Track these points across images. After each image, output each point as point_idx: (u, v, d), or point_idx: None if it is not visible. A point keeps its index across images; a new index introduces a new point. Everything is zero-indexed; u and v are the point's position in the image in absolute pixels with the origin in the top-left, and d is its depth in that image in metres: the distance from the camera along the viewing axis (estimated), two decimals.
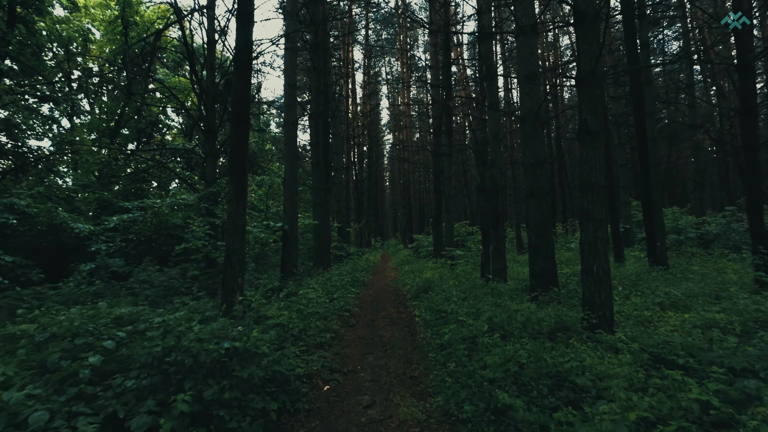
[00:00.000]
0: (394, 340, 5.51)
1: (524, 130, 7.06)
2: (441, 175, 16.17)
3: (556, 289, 6.27)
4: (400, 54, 34.81)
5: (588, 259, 5.01)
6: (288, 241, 8.46)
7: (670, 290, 6.23)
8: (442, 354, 4.57)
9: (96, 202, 12.52)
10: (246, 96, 5.49)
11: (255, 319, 4.65)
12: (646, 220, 10.09)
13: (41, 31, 18.35)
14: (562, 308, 5.30)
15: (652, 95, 10.84)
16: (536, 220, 6.78)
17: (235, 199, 5.37)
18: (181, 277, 8.32)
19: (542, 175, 6.88)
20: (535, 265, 6.71)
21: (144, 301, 5.50)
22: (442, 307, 6.58)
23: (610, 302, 4.94)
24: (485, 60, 9.36)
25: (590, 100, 5.07)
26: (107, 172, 15.31)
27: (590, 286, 4.97)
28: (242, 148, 5.46)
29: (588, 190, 5.03)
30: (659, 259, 9.76)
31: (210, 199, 11.70)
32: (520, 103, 7.24)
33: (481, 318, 5.12)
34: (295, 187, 8.73)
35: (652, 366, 3.69)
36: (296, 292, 6.89)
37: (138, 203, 9.47)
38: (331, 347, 5.10)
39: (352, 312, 7.39)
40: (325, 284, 8.83)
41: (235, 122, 5.45)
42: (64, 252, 10.30)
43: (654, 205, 10.18)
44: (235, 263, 5.29)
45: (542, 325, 4.67)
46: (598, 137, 5.06)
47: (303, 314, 5.57)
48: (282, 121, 34.70)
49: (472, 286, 8.31)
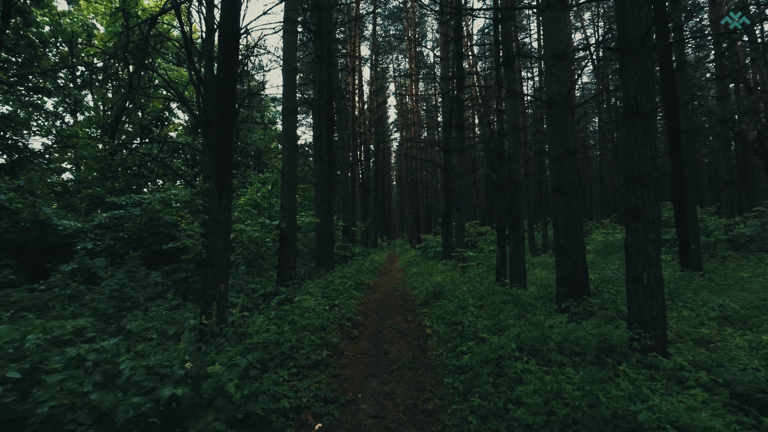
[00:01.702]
0: (402, 358, 4.72)
1: (551, 117, 6.22)
2: (451, 172, 15.33)
3: (590, 299, 5.43)
4: (408, 49, 33.99)
5: (636, 265, 4.18)
6: (286, 240, 7.72)
7: (724, 302, 5.35)
8: (460, 380, 3.77)
9: (88, 199, 11.90)
10: (232, 73, 4.73)
11: (240, 334, 3.89)
12: (678, 221, 9.17)
13: (44, 26, 17.92)
14: (600, 322, 4.46)
15: (685, 83, 9.89)
16: (564, 219, 5.94)
17: (218, 193, 4.62)
18: (169, 280, 7.62)
19: (571, 167, 6.03)
20: (563, 271, 5.87)
21: (112, 309, 4.78)
22: (456, 317, 5.78)
23: (663, 318, 4.10)
24: (504, 43, 8.52)
25: (640, 75, 4.23)
26: (104, 168, 14.73)
27: (639, 298, 4.14)
28: (227, 134, 4.71)
29: (636, 183, 4.20)
30: (693, 264, 8.84)
31: (206, 195, 11.01)
32: (546, 87, 6.41)
33: (506, 334, 4.31)
34: (294, 181, 7.99)
35: (738, 408, 2.85)
36: (292, 299, 6.13)
37: (125, 198, 8.80)
38: (328, 367, 4.32)
39: (355, 321, 6.61)
40: (326, 288, 8.07)
41: (220, 103, 4.69)
42: (51, 251, 9.68)
43: (687, 204, 9.26)
44: (217, 266, 4.53)
45: (583, 346, 3.84)
46: (650, 119, 4.21)
47: (296, 327, 4.80)
48: None
49: (488, 292, 7.48)
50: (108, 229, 10.05)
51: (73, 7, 21.69)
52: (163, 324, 4.39)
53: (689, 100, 10.17)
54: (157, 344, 3.37)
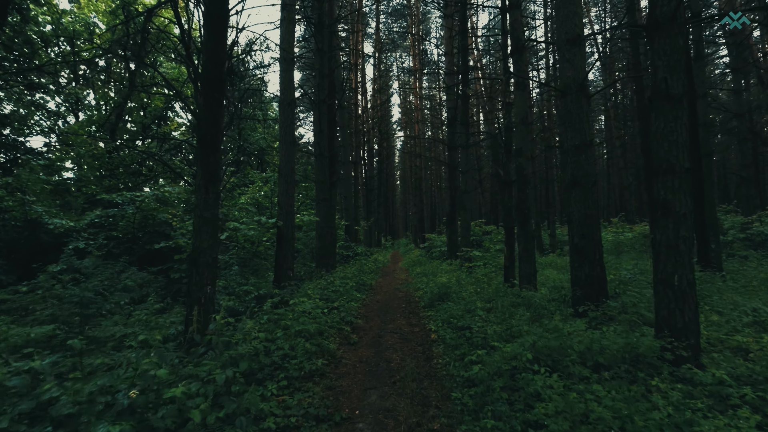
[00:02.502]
0: (405, 367, 4.32)
1: (565, 106, 5.79)
2: (456, 169, 14.90)
3: (609, 302, 5.00)
4: (412, 46, 33.56)
5: (665, 266, 3.75)
6: (283, 239, 7.34)
7: (757, 305, 4.89)
8: (470, 395, 3.36)
9: (84, 197, 11.61)
10: (220, 56, 4.35)
11: (224, 343, 3.50)
12: (697, 219, 8.70)
13: (45, 25, 17.72)
14: (625, 330, 4.04)
15: (702, 73, 9.40)
16: (580, 216, 5.51)
17: (203, 187, 4.25)
18: (161, 280, 7.27)
19: (587, 160, 5.60)
20: (579, 272, 5.43)
21: (91, 309, 4.41)
22: (463, 321, 5.36)
23: (696, 325, 3.67)
24: (512, 32, 8.09)
25: (670, 53, 3.80)
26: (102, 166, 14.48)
27: (669, 302, 3.72)
28: (215, 123, 4.33)
29: (666, 174, 3.76)
30: (714, 264, 8.38)
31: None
32: (560, 74, 5.99)
33: (520, 342, 3.89)
34: (292, 177, 7.61)
35: None
36: (288, 301, 5.75)
37: (117, 196, 8.47)
38: (323, 378, 3.92)
39: (355, 325, 6.22)
40: (326, 289, 7.68)
41: (206, 90, 4.32)
42: (43, 251, 9.39)
43: (707, 201, 8.79)
44: (202, 266, 4.16)
45: (608, 357, 3.42)
46: (681, 103, 3.78)
47: (290, 333, 4.41)
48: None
49: (496, 293, 7.06)
50: (102, 228, 9.75)
51: (74, 5, 21.50)
52: (143, 330, 4.03)
53: (706, 92, 9.67)
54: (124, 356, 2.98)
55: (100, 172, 14.50)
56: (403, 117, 41.76)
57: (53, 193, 14.91)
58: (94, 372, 2.57)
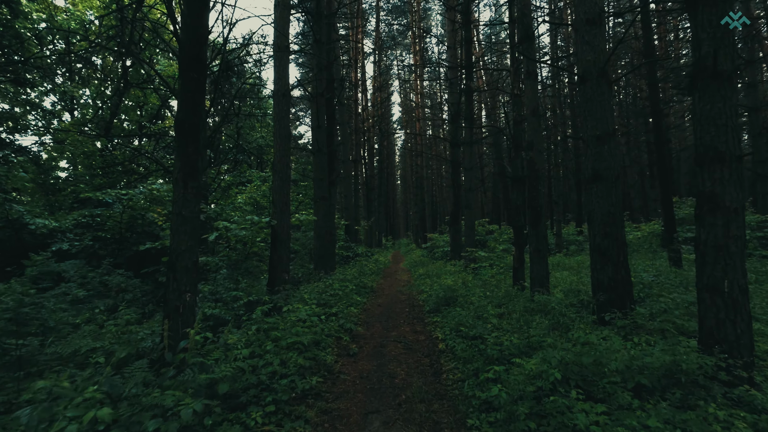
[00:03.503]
0: (411, 384, 3.81)
1: (584, 93, 5.28)
2: (459, 166, 14.38)
3: (638, 309, 4.49)
4: (413, 44, 33.05)
5: (713, 269, 3.25)
6: (277, 240, 6.85)
7: None
8: (488, 421, 2.86)
9: (72, 196, 11.12)
10: (199, 31, 3.85)
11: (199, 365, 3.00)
12: None
13: (39, 22, 17.28)
14: (665, 343, 3.52)
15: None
16: (603, 213, 5.00)
17: (181, 181, 3.74)
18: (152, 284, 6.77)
19: (611, 151, 5.09)
20: (601, 274, 4.92)
21: (30, 327, 3.86)
22: (475, 330, 4.86)
23: (750, 338, 3.18)
24: (521, 17, 7.58)
25: (717, 25, 3.29)
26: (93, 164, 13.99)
27: (717, 312, 3.22)
28: (194, 109, 3.83)
29: (713, 163, 3.26)
30: None
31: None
32: (578, 58, 5.49)
33: (541, 356, 3.39)
34: (287, 173, 7.10)
35: None
36: (281, 308, 5.25)
37: (102, 194, 7.99)
38: (318, 400, 3.42)
39: (355, 333, 5.71)
40: (324, 293, 7.18)
41: (184, 70, 3.81)
42: (26, 252, 8.89)
43: None
44: (181, 271, 3.66)
45: (651, 376, 2.92)
46: (731, 81, 3.28)
47: (280, 345, 3.91)
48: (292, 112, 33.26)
49: (507, 297, 6.57)
50: (90, 228, 9.25)
51: (69, 2, 21.03)
52: (113, 344, 3.54)
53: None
54: (77, 379, 2.47)
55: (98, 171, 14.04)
56: (403, 116, 41.26)
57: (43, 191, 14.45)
58: (32, 402, 2.07)
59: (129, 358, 3.43)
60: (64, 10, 20.11)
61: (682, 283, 6.26)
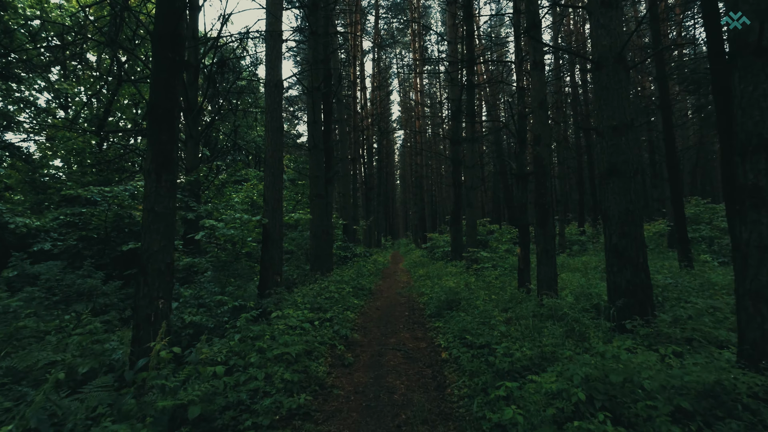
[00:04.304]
0: (412, 401, 3.41)
1: (600, 81, 4.88)
2: (460, 164, 13.99)
3: (662, 316, 4.09)
4: (412, 41, 32.65)
5: (758, 272, 2.85)
6: (269, 239, 6.43)
7: None
8: None
9: (59, 195, 10.68)
10: (174, 5, 3.43)
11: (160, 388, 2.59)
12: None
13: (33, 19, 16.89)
14: (707, 361, 3.11)
15: None
16: (620, 210, 4.60)
17: (154, 173, 3.33)
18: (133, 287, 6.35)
19: (628, 144, 4.69)
20: (619, 277, 4.52)
21: None
22: (481, 338, 4.45)
23: None
24: (528, 5, 7.19)
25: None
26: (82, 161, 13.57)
27: (762, 322, 2.82)
28: (168, 91, 3.41)
29: (756, 152, 2.87)
30: None
31: (187, 190, 9.76)
32: (593, 43, 5.09)
33: (558, 370, 3.00)
34: (279, 168, 6.69)
35: None
36: (270, 313, 4.84)
37: (84, 191, 7.58)
38: (306, 421, 3.01)
39: (351, 340, 5.30)
40: (319, 296, 6.76)
41: (157, 49, 3.40)
42: (7, 253, 8.47)
43: None
44: (152, 275, 3.25)
45: (689, 397, 2.51)
46: None
47: (266, 357, 3.50)
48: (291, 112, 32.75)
49: (513, 301, 6.17)
50: (75, 228, 8.83)
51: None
52: (75, 357, 3.13)
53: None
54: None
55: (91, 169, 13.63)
56: (403, 115, 40.85)
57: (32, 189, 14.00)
58: None
59: (93, 373, 3.02)
60: (57, 6, 19.70)
61: (702, 286, 5.87)
